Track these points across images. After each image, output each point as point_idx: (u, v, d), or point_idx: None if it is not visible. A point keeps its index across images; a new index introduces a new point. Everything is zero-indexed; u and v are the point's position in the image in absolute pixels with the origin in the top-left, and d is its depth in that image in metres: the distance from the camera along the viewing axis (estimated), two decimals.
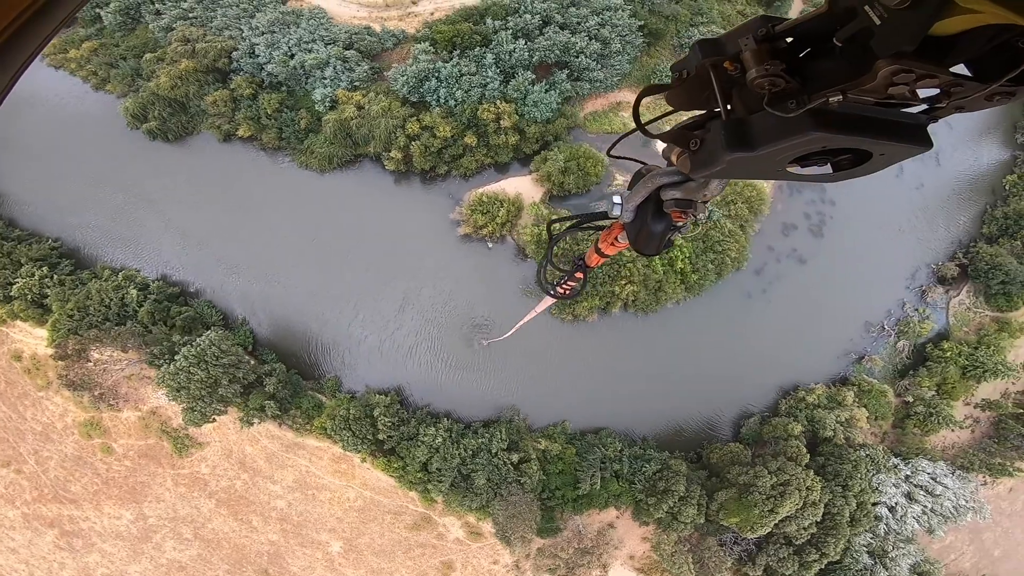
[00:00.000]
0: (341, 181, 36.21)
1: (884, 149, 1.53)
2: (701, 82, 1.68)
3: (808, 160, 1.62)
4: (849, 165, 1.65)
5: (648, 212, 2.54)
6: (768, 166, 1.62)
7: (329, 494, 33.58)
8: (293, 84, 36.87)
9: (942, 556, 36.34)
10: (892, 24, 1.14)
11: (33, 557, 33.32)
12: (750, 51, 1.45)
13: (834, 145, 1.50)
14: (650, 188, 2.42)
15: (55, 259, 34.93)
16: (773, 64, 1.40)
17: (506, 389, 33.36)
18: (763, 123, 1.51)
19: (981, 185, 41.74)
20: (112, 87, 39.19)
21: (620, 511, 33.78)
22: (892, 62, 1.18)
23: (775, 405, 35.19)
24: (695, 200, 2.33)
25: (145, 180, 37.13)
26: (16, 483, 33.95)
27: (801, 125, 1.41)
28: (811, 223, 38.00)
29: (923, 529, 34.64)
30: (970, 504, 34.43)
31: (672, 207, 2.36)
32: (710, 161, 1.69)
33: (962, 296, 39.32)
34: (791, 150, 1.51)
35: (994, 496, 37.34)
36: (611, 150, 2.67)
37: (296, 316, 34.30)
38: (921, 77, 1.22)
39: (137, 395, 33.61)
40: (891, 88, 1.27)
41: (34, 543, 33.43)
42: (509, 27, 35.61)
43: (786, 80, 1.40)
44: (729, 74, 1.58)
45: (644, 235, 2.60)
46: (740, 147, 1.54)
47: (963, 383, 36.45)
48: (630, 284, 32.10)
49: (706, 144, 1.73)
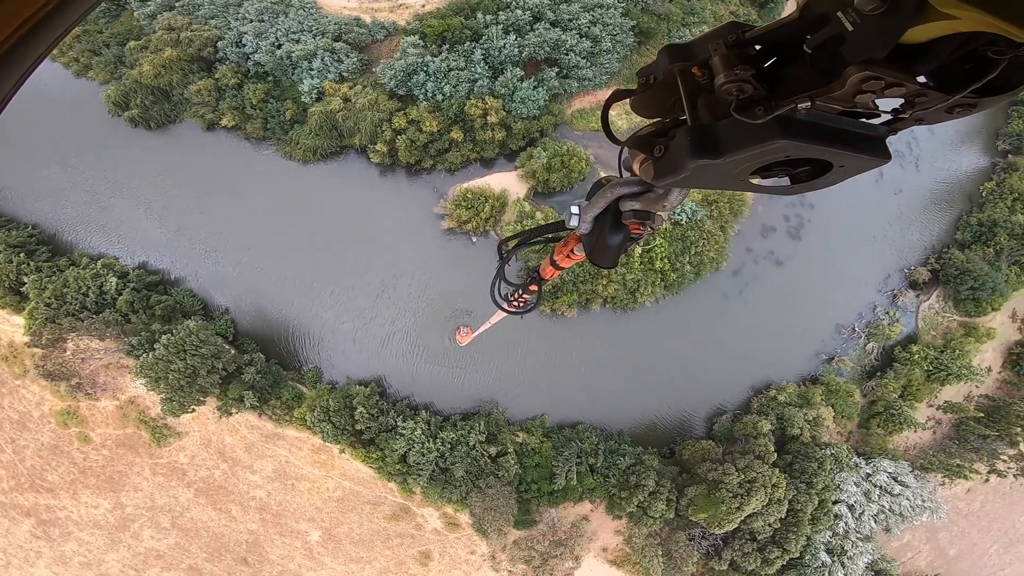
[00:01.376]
0: (325, 172, 36.07)
1: (845, 160, 1.52)
2: (668, 88, 1.68)
3: (770, 171, 1.62)
4: (807, 177, 1.66)
5: (606, 223, 2.49)
6: (731, 175, 1.61)
7: (308, 484, 33.85)
8: (280, 74, 36.55)
9: (899, 555, 37.61)
10: (864, 30, 1.15)
11: (10, 546, 33.09)
12: (719, 56, 1.44)
13: (799, 154, 1.49)
14: (609, 199, 2.37)
15: (33, 246, 34.41)
16: (742, 70, 1.39)
17: (485, 382, 33.80)
18: (729, 130, 1.49)
19: (958, 192, 42.71)
20: (94, 74, 38.42)
21: (594, 504, 34.54)
22: (862, 69, 1.18)
23: (747, 403, 36.13)
24: (654, 211, 2.30)
25: (126, 167, 36.63)
26: None
27: (768, 132, 1.40)
28: (790, 225, 38.84)
29: (881, 528, 35.74)
30: (927, 504, 35.51)
31: (631, 218, 2.33)
32: (674, 168, 1.66)
33: (932, 300, 40.57)
34: (756, 158, 1.50)
35: (952, 497, 38.58)
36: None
37: (277, 305, 34.29)
38: (889, 85, 1.22)
39: (115, 384, 33.44)
40: (858, 97, 1.27)
41: (11, 532, 33.18)
42: (500, 22, 35.62)
43: (754, 86, 1.39)
44: (696, 80, 1.57)
45: (601, 247, 2.57)
46: (705, 154, 1.52)
47: (927, 385, 37.57)
48: (611, 283, 32.66)
49: (670, 151, 1.69)
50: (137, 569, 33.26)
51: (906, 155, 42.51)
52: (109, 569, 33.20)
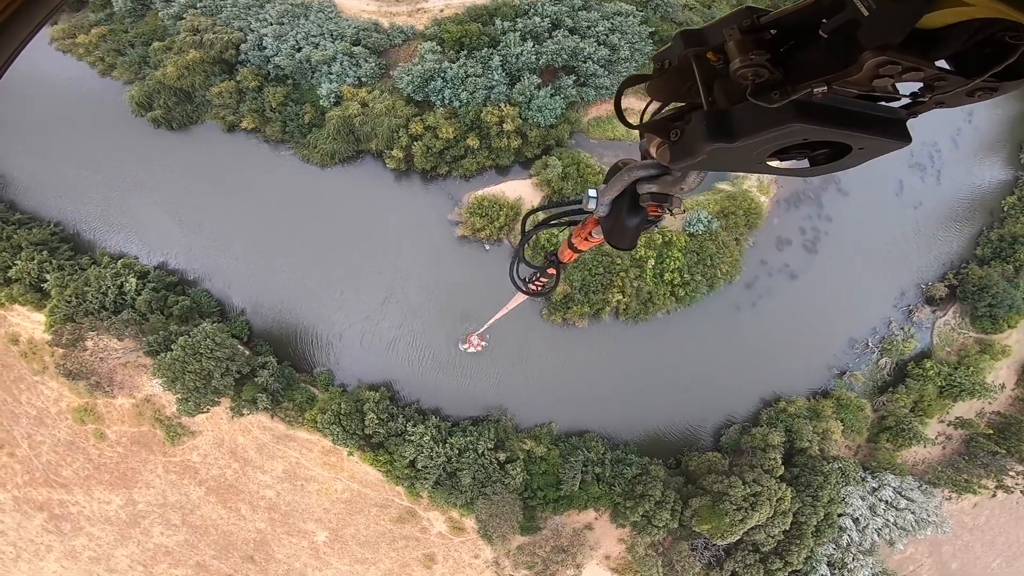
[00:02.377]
0: (342, 176, 36.40)
1: (864, 143, 1.51)
2: (683, 73, 1.67)
3: (787, 153, 1.60)
4: (826, 160, 1.65)
5: (623, 206, 2.49)
6: (748, 158, 1.60)
7: (317, 485, 34.19)
8: (299, 78, 36.92)
9: (901, 568, 37.31)
10: (880, 15, 1.14)
11: (21, 539, 33.53)
12: (734, 41, 1.43)
13: (815, 138, 1.48)
14: (626, 182, 2.37)
15: (55, 244, 35.02)
16: (758, 54, 1.39)
17: (495, 389, 33.92)
18: (745, 114, 1.49)
19: (980, 206, 41.98)
20: (119, 74, 38.99)
21: (599, 513, 34.54)
22: (878, 54, 1.18)
23: (756, 415, 35.93)
24: (672, 194, 2.29)
25: (147, 167, 37.18)
26: (8, 466, 34.17)
27: (784, 116, 1.39)
28: (806, 238, 38.48)
29: (884, 541, 35.55)
30: (932, 518, 35.32)
31: (648, 201, 2.32)
32: (690, 152, 1.66)
33: (948, 316, 40.09)
34: (772, 142, 1.49)
35: (957, 511, 38.28)
36: None
37: (291, 308, 34.65)
38: (907, 70, 1.21)
39: (132, 382, 33.97)
40: (876, 81, 1.27)
41: (23, 526, 33.64)
42: (518, 29, 35.70)
43: (770, 71, 1.39)
44: (712, 65, 1.57)
45: (619, 229, 2.56)
46: (721, 137, 1.52)
47: (939, 401, 37.27)
48: (621, 294, 32.62)
49: (686, 134, 1.70)
50: (145, 565, 33.68)
51: (928, 168, 41.84)
52: (118, 564, 33.60)
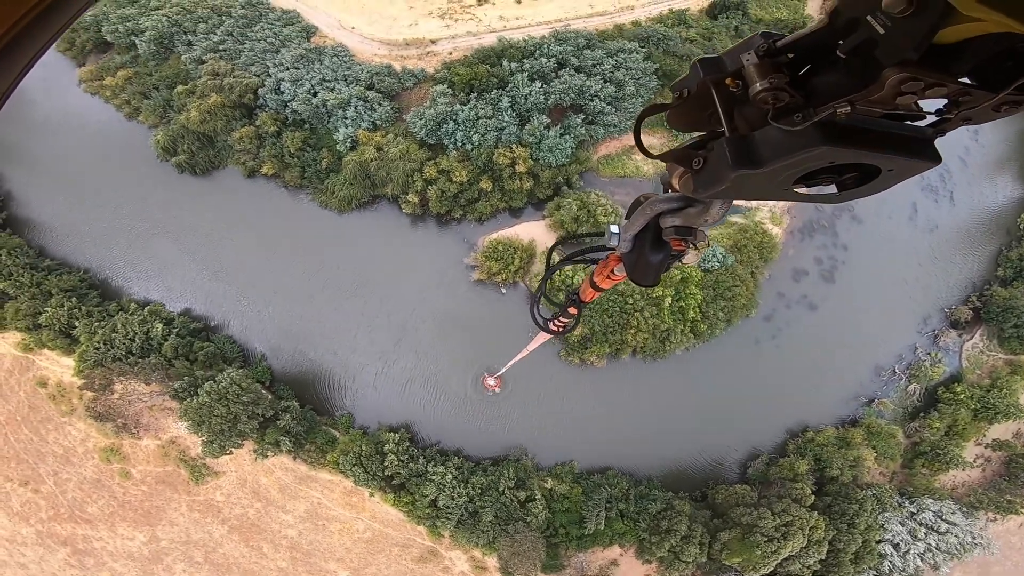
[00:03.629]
0: (360, 222, 37.15)
1: (893, 164, 1.48)
2: (702, 101, 1.66)
3: (814, 178, 1.58)
4: (854, 184, 1.61)
5: (646, 241, 2.47)
6: (773, 184, 1.58)
7: (339, 525, 34.16)
8: (316, 122, 38.08)
9: None
10: (896, 32, 1.14)
11: (43, 573, 33.74)
12: (752, 65, 1.42)
13: (842, 160, 1.45)
14: (649, 216, 2.34)
15: (84, 290, 36.19)
16: (777, 77, 1.37)
17: (515, 429, 33.82)
18: (768, 139, 1.48)
19: (996, 225, 41.53)
20: (144, 118, 40.37)
21: (624, 549, 33.95)
22: (899, 71, 1.17)
23: (783, 446, 35.27)
24: (696, 227, 2.26)
25: (172, 213, 38.39)
26: (33, 502, 34.76)
27: (808, 139, 1.38)
28: (823, 268, 38.11)
29: (928, 566, 34.54)
30: (978, 540, 34.44)
31: (672, 235, 2.29)
32: (715, 180, 1.65)
33: (975, 339, 39.16)
34: (798, 166, 1.47)
35: (1003, 532, 37.11)
36: None
37: (311, 352, 35.15)
38: (929, 86, 1.20)
39: (158, 424, 34.62)
40: (899, 98, 1.25)
41: (45, 559, 33.91)
42: (525, 69, 36.54)
43: (790, 94, 1.37)
44: (731, 91, 1.55)
45: (642, 265, 2.54)
46: (746, 164, 1.50)
47: (974, 424, 36.47)
48: (639, 332, 32.51)
49: (710, 163, 1.68)
50: None
51: (940, 189, 41.47)
52: None
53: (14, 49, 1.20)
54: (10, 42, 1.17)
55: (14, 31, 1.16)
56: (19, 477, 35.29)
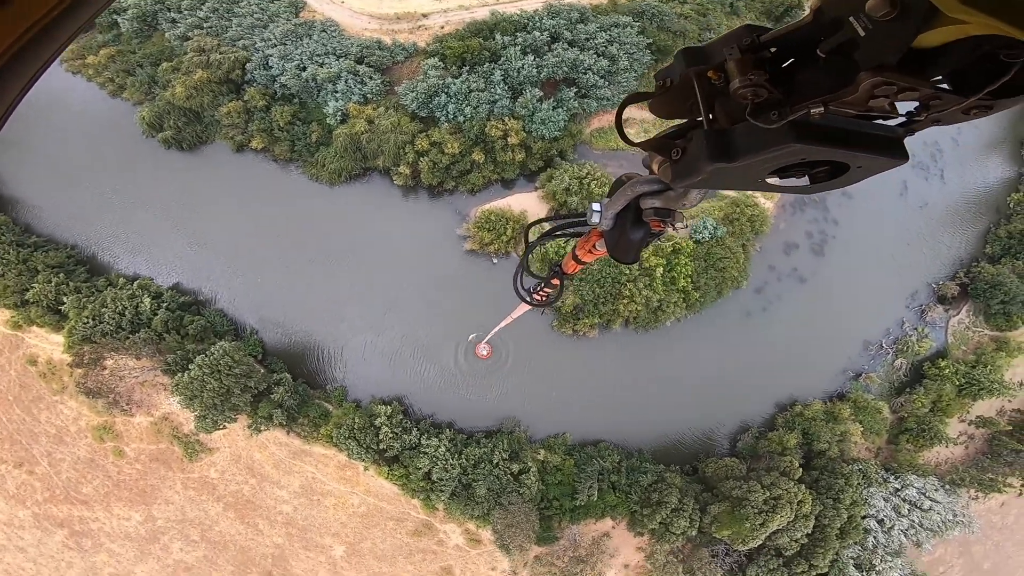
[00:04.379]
0: (350, 194, 36.87)
1: (861, 162, 1.53)
2: (684, 91, 1.69)
3: (787, 171, 1.63)
4: (826, 177, 1.67)
5: (627, 220, 2.52)
6: (748, 177, 1.64)
7: (334, 500, 34.43)
8: (305, 96, 37.53)
9: (931, 569, 36.90)
10: (877, 36, 1.15)
11: (41, 556, 33.93)
12: (734, 61, 1.45)
13: (813, 157, 1.51)
14: (630, 196, 2.40)
15: (71, 266, 35.76)
16: (757, 74, 1.40)
17: (508, 401, 34.07)
18: (744, 134, 1.51)
19: (986, 204, 41.90)
20: (128, 95, 39.68)
21: (616, 521, 34.49)
22: (874, 74, 1.19)
23: (772, 420, 35.79)
24: (674, 208, 2.32)
25: (159, 188, 37.87)
26: (28, 484, 34.76)
27: (782, 137, 1.42)
28: (813, 242, 38.45)
29: (911, 543, 35.24)
30: (959, 518, 35.01)
31: (651, 216, 2.35)
32: (691, 171, 1.69)
33: (962, 315, 39.74)
34: (771, 161, 1.52)
35: (985, 511, 37.89)
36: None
37: (303, 325, 35.07)
38: (903, 90, 1.23)
39: (150, 401, 34.52)
40: (872, 101, 1.28)
41: (43, 543, 34.04)
42: (518, 43, 36.11)
43: (769, 91, 1.40)
44: (713, 83, 1.58)
45: (623, 243, 2.59)
46: (721, 158, 1.54)
47: (958, 401, 37.01)
48: (631, 302, 32.73)
49: (687, 154, 1.72)
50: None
51: (931, 167, 41.76)
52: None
53: (14, 66, 1.17)
54: (11, 59, 1.14)
55: (14, 48, 1.13)
56: (13, 459, 35.17)
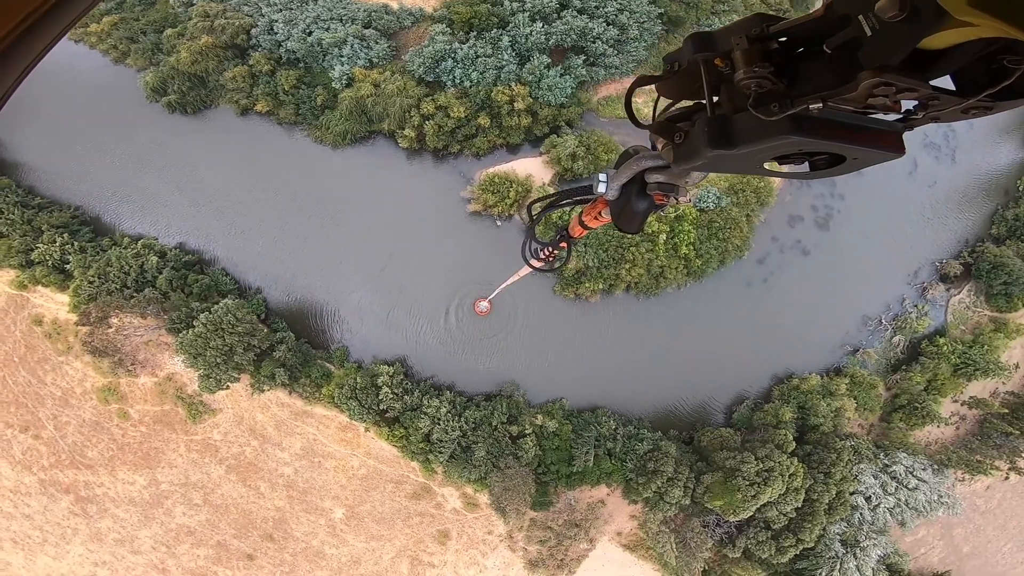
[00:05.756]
0: (355, 156, 36.77)
1: (857, 154, 1.58)
2: (692, 75, 1.73)
3: (788, 158, 1.67)
4: (825, 165, 1.72)
5: (632, 192, 2.59)
6: (747, 163, 1.69)
7: (334, 462, 34.86)
8: (311, 61, 37.28)
9: (912, 549, 37.16)
10: (883, 36, 1.17)
11: (48, 523, 34.14)
12: (741, 51, 1.48)
13: (810, 148, 1.55)
14: (635, 170, 2.47)
15: (76, 226, 35.85)
16: (762, 66, 1.43)
17: (508, 365, 34.31)
18: (745, 123, 1.54)
19: (995, 185, 41.56)
20: (132, 61, 39.53)
21: (611, 488, 34.86)
22: (875, 75, 1.20)
23: (768, 392, 36.01)
24: (678, 184, 2.38)
25: (163, 151, 37.76)
26: (34, 448, 34.83)
27: (780, 128, 1.45)
28: (818, 215, 38.31)
29: (896, 522, 35.45)
30: (944, 499, 35.08)
31: (655, 190, 2.41)
32: (691, 156, 1.73)
33: (963, 295, 39.71)
34: (770, 151, 1.56)
35: (970, 493, 37.95)
36: None
37: (306, 285, 35.19)
38: (902, 90, 1.24)
39: (154, 361, 34.80)
40: (871, 99, 1.30)
41: (49, 509, 34.21)
42: (527, 9, 35.73)
43: (772, 83, 1.43)
44: (719, 71, 1.61)
45: (627, 214, 2.67)
46: (721, 145, 1.58)
47: (953, 380, 37.01)
48: (635, 267, 32.79)
49: (689, 139, 1.76)
50: (168, 545, 34.25)
51: (942, 147, 41.39)
52: (141, 545, 34.17)
53: (17, 49, 1.18)
54: (13, 42, 1.15)
55: (16, 32, 1.14)
56: (19, 423, 35.40)
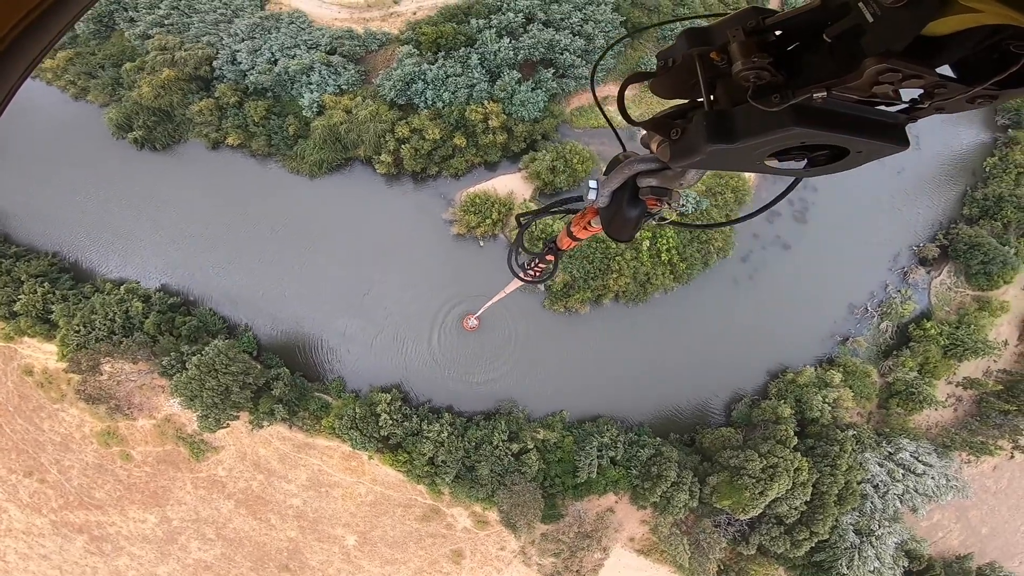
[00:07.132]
0: (333, 185, 36.48)
1: (862, 147, 1.53)
2: (687, 71, 1.69)
3: (787, 154, 1.61)
4: (825, 161, 1.65)
5: (623, 198, 2.51)
6: (747, 159, 1.63)
7: (341, 490, 35.05)
8: (279, 90, 36.77)
9: (929, 534, 37.20)
10: (885, 22, 1.14)
11: (66, 563, 34.22)
12: (738, 43, 1.44)
13: (813, 141, 1.49)
14: (627, 175, 2.39)
15: (55, 274, 35.37)
16: (760, 57, 1.39)
17: (505, 382, 34.50)
18: (745, 116, 1.49)
19: (962, 168, 42.12)
20: (93, 97, 38.38)
21: (618, 496, 35.13)
22: (880, 61, 1.17)
23: (765, 388, 36.39)
24: (671, 188, 2.31)
25: (136, 189, 37.10)
26: (41, 492, 34.89)
27: (783, 120, 1.40)
28: (795, 210, 38.74)
29: (907, 508, 35.36)
30: (952, 483, 34.93)
31: (648, 194, 2.35)
32: (690, 151, 1.67)
33: (943, 276, 40.26)
34: (771, 144, 1.51)
35: (978, 475, 37.89)
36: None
37: (295, 319, 35.11)
38: (907, 77, 1.21)
39: (151, 404, 34.70)
40: (876, 87, 1.27)
41: (65, 549, 34.30)
42: (493, 26, 35.48)
43: (772, 74, 1.39)
44: (715, 64, 1.57)
45: (618, 221, 2.58)
46: (721, 139, 1.53)
47: (945, 362, 37.15)
48: (621, 276, 33.01)
49: (687, 134, 1.70)
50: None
51: None
52: None
53: (13, 52, 1.16)
54: (16, 38, 1.14)
55: (12, 34, 1.12)
56: (22, 468, 35.26)
